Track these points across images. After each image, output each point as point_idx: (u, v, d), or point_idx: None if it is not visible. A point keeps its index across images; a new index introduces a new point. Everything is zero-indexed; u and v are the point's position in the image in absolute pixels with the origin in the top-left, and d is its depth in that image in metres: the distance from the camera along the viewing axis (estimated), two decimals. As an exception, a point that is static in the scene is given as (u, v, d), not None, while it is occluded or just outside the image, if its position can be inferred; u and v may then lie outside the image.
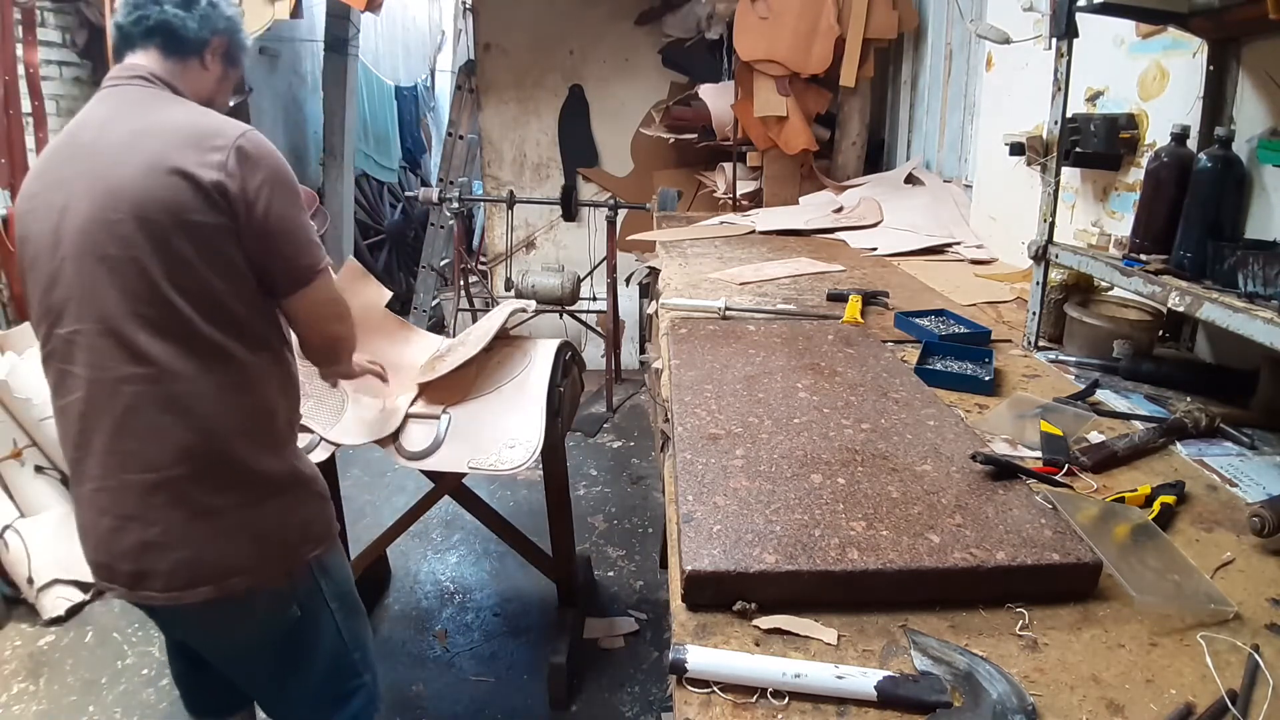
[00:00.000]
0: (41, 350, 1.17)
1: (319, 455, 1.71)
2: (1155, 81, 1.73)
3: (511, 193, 4.29)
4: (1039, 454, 1.13)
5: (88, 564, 1.19)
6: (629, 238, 3.84)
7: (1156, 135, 1.73)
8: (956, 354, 1.53)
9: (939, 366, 1.48)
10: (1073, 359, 1.58)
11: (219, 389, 1.13)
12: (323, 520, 1.30)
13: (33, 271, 1.14)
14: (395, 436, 1.77)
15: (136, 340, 1.08)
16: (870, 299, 1.92)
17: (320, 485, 1.31)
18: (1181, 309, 1.19)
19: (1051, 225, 1.58)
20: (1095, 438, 1.21)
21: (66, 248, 1.09)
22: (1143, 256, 1.38)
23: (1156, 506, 0.99)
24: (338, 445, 1.75)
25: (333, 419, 1.77)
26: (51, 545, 2.49)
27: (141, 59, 1.19)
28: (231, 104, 1.38)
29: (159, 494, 1.11)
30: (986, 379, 1.40)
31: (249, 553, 1.17)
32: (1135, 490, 1.03)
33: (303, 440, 1.73)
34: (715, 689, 0.70)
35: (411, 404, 1.82)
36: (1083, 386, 1.41)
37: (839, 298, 1.91)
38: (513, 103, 4.91)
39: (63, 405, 1.15)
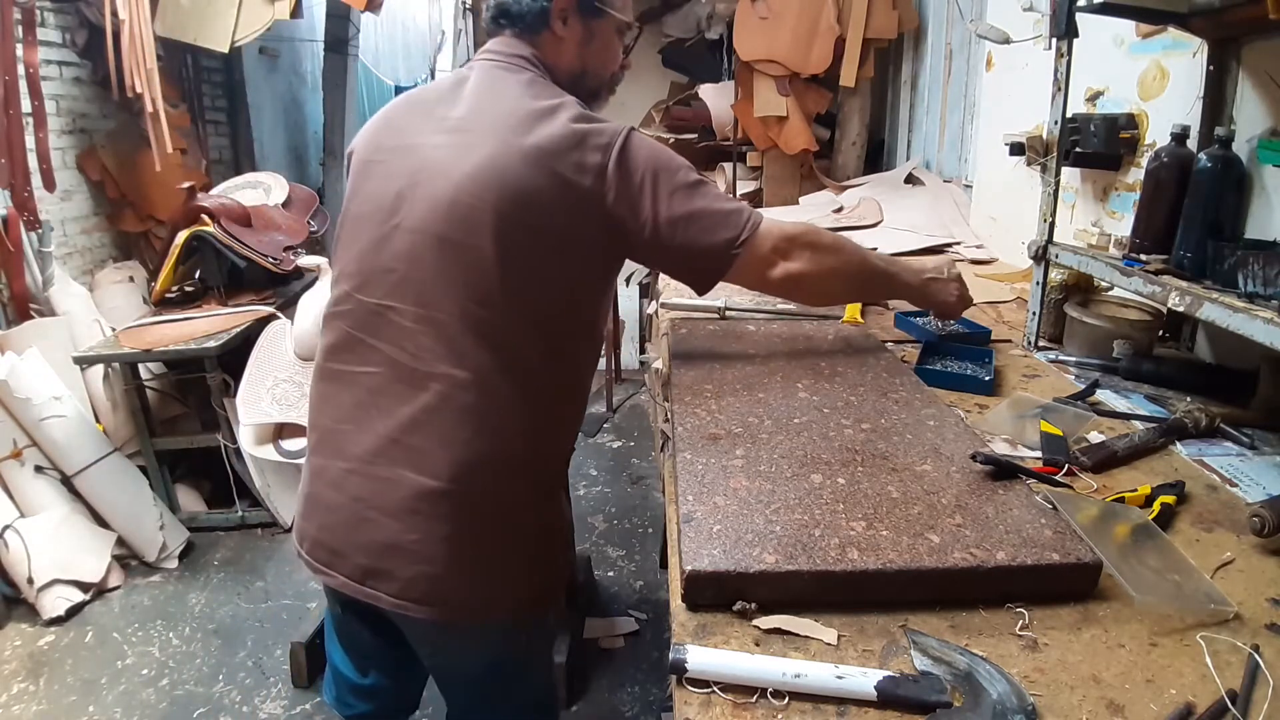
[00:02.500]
0: (333, 305, 1.10)
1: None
2: (1155, 81, 1.73)
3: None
4: (1039, 454, 1.13)
5: (302, 539, 1.12)
6: (629, 238, 3.83)
7: (1156, 135, 1.73)
8: (956, 354, 1.53)
9: (939, 366, 1.48)
10: (1073, 359, 1.58)
11: (527, 415, 1.05)
12: (563, 573, 1.21)
13: (358, 226, 1.08)
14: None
15: (460, 339, 1.00)
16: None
17: (569, 535, 1.23)
18: (1181, 309, 1.19)
19: (1051, 225, 1.58)
20: (1095, 438, 1.21)
21: (407, 217, 1.02)
22: (1143, 256, 1.38)
23: (1156, 506, 0.98)
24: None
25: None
26: (51, 545, 2.49)
27: (505, 45, 1.13)
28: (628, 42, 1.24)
29: (429, 502, 1.01)
30: (986, 379, 1.40)
31: (492, 588, 1.08)
32: (1135, 490, 1.03)
33: (302, 440, 1.73)
34: (715, 689, 0.70)
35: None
36: (1083, 386, 1.41)
37: None
38: (513, 103, 4.90)
39: (341, 371, 1.07)
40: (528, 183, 0.99)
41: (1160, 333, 1.66)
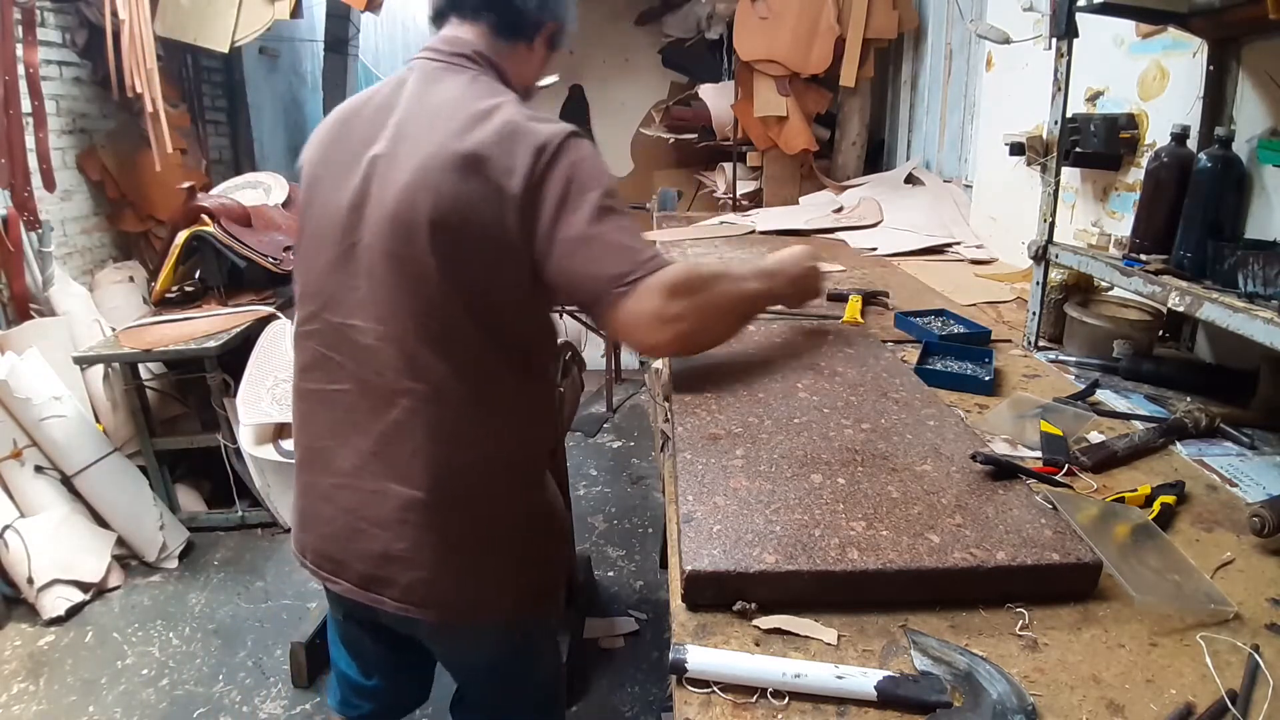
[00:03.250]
0: (300, 326, 1.10)
1: None
2: (1155, 81, 1.73)
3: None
4: (1039, 454, 1.13)
5: (303, 550, 1.14)
6: (629, 238, 3.83)
7: (1156, 135, 1.73)
8: (956, 354, 1.53)
9: (939, 366, 1.48)
10: (1073, 359, 1.58)
11: (492, 417, 1.05)
12: (561, 561, 1.23)
13: (314, 245, 1.07)
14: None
15: (417, 353, 1.00)
16: (870, 299, 1.92)
17: (563, 522, 1.24)
18: (1181, 309, 1.19)
19: (1051, 225, 1.58)
20: (1095, 438, 1.21)
21: (363, 234, 1.01)
22: (1143, 256, 1.38)
23: (1156, 506, 0.98)
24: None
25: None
26: (51, 545, 2.49)
27: (468, 32, 1.09)
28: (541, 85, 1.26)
29: (415, 512, 1.04)
30: (986, 379, 1.40)
31: (489, 586, 1.10)
32: (1135, 490, 1.03)
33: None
34: (715, 689, 0.70)
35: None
36: (1083, 386, 1.41)
37: (839, 298, 1.91)
38: (513, 103, 4.90)
39: (316, 390, 1.09)
40: (460, 190, 0.96)
41: (1160, 333, 1.66)
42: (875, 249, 2.69)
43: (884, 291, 1.98)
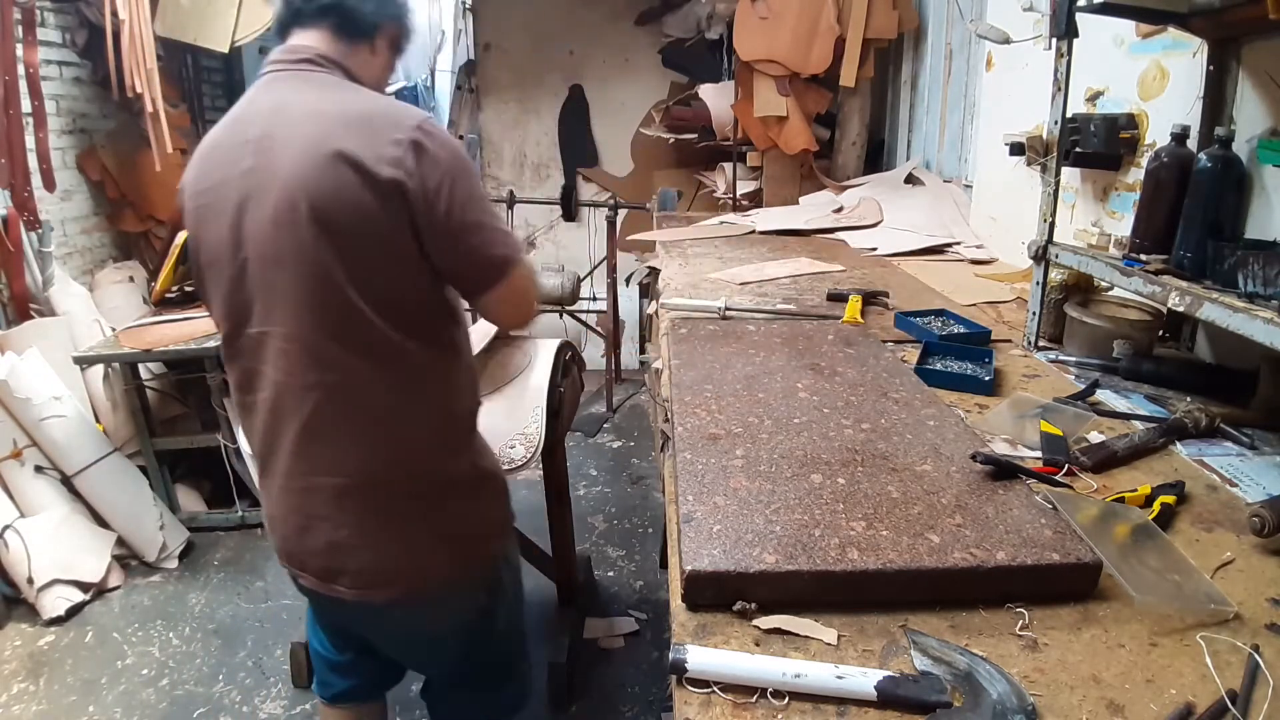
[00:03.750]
0: (226, 348, 1.14)
1: None
2: (1155, 81, 1.73)
3: (511, 193, 4.29)
4: (1039, 454, 1.14)
5: (276, 552, 1.22)
6: (629, 238, 3.84)
7: (1156, 135, 1.73)
8: (957, 354, 1.53)
9: (939, 366, 1.48)
10: (1073, 359, 1.58)
11: (403, 392, 1.10)
12: (505, 514, 1.31)
13: (212, 272, 1.10)
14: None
15: (321, 346, 1.05)
16: (870, 299, 1.92)
17: (501, 480, 1.30)
18: (1181, 309, 1.19)
19: (1051, 225, 1.58)
20: (1095, 437, 1.21)
21: (248, 249, 1.05)
22: (1143, 256, 1.38)
23: (1156, 506, 0.99)
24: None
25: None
26: (51, 545, 2.49)
27: (310, 39, 1.12)
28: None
29: (347, 498, 1.11)
30: (986, 379, 1.40)
31: (437, 554, 1.17)
32: (1135, 490, 1.03)
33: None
34: (715, 689, 0.70)
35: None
36: (1083, 386, 1.41)
37: (839, 298, 1.91)
38: (513, 103, 4.91)
39: (249, 401, 1.14)
40: (335, 184, 1.00)
41: (1160, 333, 1.66)
42: (875, 249, 2.69)
43: (884, 291, 1.98)
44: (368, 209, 1.01)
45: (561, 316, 4.23)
